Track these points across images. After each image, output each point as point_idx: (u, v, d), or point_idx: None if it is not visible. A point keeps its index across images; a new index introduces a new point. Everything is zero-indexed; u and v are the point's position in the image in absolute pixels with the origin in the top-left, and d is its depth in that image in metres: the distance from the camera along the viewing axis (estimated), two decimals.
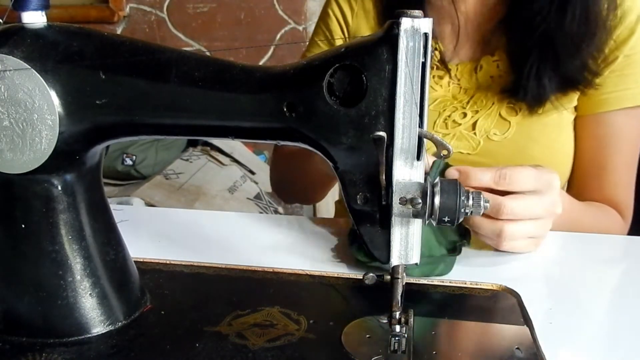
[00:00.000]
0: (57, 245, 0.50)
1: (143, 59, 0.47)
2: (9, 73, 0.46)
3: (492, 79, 0.85)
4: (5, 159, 0.47)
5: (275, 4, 2.31)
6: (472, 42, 0.87)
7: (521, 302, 0.57)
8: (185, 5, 2.38)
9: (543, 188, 0.64)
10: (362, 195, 0.47)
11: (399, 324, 0.46)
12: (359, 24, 0.94)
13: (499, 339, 0.52)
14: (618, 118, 0.83)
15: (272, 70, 0.47)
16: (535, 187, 0.64)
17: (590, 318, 0.57)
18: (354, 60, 0.44)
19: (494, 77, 0.85)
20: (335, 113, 0.44)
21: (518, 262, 0.67)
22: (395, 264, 0.47)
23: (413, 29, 0.42)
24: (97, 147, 0.51)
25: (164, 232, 0.76)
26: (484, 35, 0.86)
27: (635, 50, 0.82)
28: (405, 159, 0.44)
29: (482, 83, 0.86)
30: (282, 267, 0.64)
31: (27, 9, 0.47)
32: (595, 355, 0.51)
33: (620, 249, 0.75)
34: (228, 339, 0.51)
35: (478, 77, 0.86)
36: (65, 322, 0.51)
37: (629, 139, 0.85)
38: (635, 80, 0.82)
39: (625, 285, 0.64)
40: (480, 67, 0.86)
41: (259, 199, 2.11)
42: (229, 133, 0.49)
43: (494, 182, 0.63)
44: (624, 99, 0.82)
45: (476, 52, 0.87)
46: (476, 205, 0.45)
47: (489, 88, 0.85)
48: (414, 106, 0.43)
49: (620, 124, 0.84)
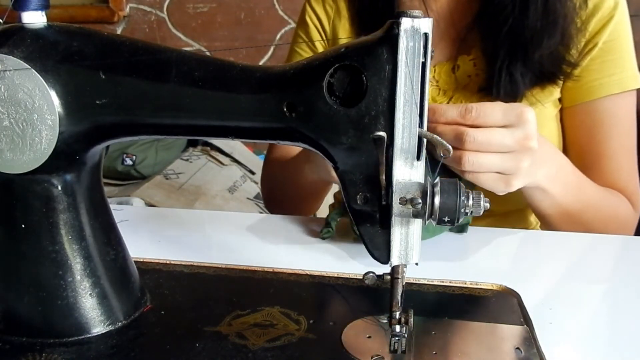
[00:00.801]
0: (57, 245, 0.50)
1: (143, 59, 0.47)
2: (9, 73, 0.45)
3: (470, 78, 0.85)
4: (5, 159, 0.47)
5: (275, 4, 2.31)
6: (448, 42, 0.86)
7: (521, 302, 0.57)
8: (185, 5, 2.38)
9: (514, 121, 0.61)
10: (362, 195, 0.47)
11: (399, 324, 0.46)
12: (336, 28, 0.94)
13: (499, 339, 0.52)
14: (607, 105, 0.83)
15: (272, 70, 0.47)
16: (504, 120, 0.61)
17: (590, 318, 0.57)
18: (354, 60, 0.44)
19: (471, 76, 0.85)
20: (335, 113, 0.44)
21: (518, 262, 0.67)
22: (395, 264, 0.47)
23: (413, 29, 0.42)
24: (97, 147, 0.51)
25: (164, 232, 0.76)
26: (459, 33, 0.85)
27: (614, 36, 0.82)
28: (405, 159, 0.44)
29: (460, 82, 0.85)
30: (282, 267, 0.64)
31: (27, 9, 0.47)
32: (595, 355, 0.51)
33: (620, 249, 0.75)
34: (228, 339, 0.51)
35: (457, 76, 0.85)
36: (65, 322, 0.51)
37: (622, 124, 0.84)
38: (618, 66, 0.82)
39: (625, 285, 0.64)
40: (458, 67, 0.85)
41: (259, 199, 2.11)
42: (229, 133, 0.49)
43: (460, 116, 0.61)
44: (610, 85, 0.82)
45: (452, 52, 0.86)
46: (476, 205, 0.45)
47: (467, 87, 0.85)
48: (414, 106, 0.43)
49: (611, 110, 0.83)
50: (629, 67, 0.83)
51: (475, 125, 0.61)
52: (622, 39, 0.83)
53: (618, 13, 0.82)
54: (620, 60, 0.82)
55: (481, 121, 0.61)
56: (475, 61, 0.84)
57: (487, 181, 0.63)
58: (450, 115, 0.61)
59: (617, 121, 0.84)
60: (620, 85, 0.82)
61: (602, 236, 0.76)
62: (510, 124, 0.62)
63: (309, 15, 0.96)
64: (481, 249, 0.69)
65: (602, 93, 0.82)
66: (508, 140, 0.61)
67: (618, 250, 0.74)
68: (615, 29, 0.82)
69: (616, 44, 0.82)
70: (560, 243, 0.73)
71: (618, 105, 0.83)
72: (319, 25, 0.95)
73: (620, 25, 0.83)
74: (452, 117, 0.61)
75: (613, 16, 0.81)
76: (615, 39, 0.82)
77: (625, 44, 0.83)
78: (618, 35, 0.82)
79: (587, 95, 0.83)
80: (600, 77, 0.82)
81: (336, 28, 0.94)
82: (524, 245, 0.75)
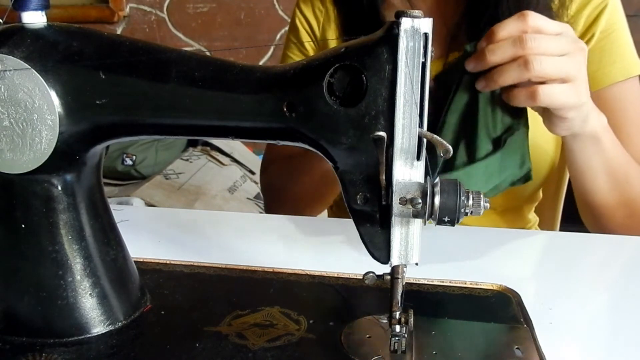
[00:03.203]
0: (57, 245, 0.50)
1: (143, 59, 0.47)
2: (9, 73, 0.46)
3: None
4: (5, 159, 0.47)
5: (275, 4, 2.32)
6: (439, 39, 0.86)
7: (521, 302, 0.57)
8: (185, 5, 2.38)
9: (561, 30, 0.64)
10: (362, 195, 0.47)
11: (399, 324, 0.46)
12: (326, 32, 0.94)
13: (499, 339, 0.52)
14: (614, 93, 0.82)
15: (272, 70, 0.47)
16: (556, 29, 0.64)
17: (590, 318, 0.57)
18: (354, 60, 0.44)
19: None
20: (335, 113, 0.44)
21: (518, 262, 0.67)
22: (395, 264, 0.47)
23: (413, 29, 0.42)
24: (97, 147, 0.51)
25: (164, 232, 0.76)
26: (449, 31, 0.85)
27: (610, 25, 0.81)
28: (405, 159, 0.44)
29: None
30: (282, 267, 0.64)
31: (27, 9, 0.47)
32: (595, 355, 0.51)
33: (620, 249, 0.75)
34: (228, 339, 0.51)
35: None
36: (65, 322, 0.51)
37: (633, 109, 0.83)
38: (618, 54, 0.82)
39: (625, 285, 0.64)
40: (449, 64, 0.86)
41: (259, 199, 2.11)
42: (229, 133, 0.49)
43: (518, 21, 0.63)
44: (613, 73, 0.82)
45: (444, 50, 0.86)
46: (476, 205, 0.45)
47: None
48: (414, 106, 0.43)
49: (618, 98, 0.83)
50: (629, 54, 0.83)
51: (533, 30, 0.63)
52: (618, 27, 0.83)
53: (612, 2, 0.81)
54: (620, 49, 0.82)
55: (539, 27, 0.63)
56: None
57: (561, 93, 0.64)
58: (509, 29, 0.63)
59: (626, 106, 0.83)
60: (623, 72, 0.82)
61: (601, 236, 0.76)
62: (559, 32, 0.64)
63: (299, 19, 0.96)
64: (481, 249, 0.69)
65: (607, 82, 0.82)
66: (564, 41, 0.63)
67: (618, 250, 0.74)
68: (611, 17, 0.81)
69: (613, 33, 0.82)
70: (560, 243, 0.73)
71: (625, 92, 0.83)
72: (309, 29, 0.96)
73: (615, 13, 0.82)
74: (512, 29, 0.63)
75: (607, 5, 0.81)
76: (611, 27, 0.81)
77: (622, 31, 0.83)
78: (614, 22, 0.82)
79: (592, 86, 0.82)
80: (602, 66, 0.82)
81: (326, 32, 0.94)
82: (524, 245, 0.75)
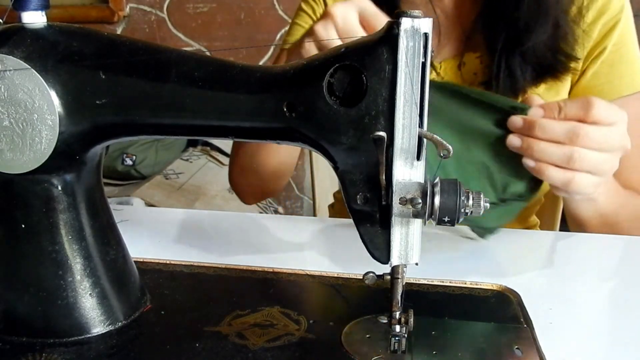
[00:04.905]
0: (57, 245, 0.50)
1: (143, 59, 0.47)
2: (9, 73, 0.46)
3: (476, 75, 0.85)
4: (5, 159, 0.47)
5: (275, 4, 2.31)
6: (455, 39, 0.87)
7: (521, 302, 0.57)
8: (185, 5, 2.38)
9: (615, 119, 0.64)
10: (362, 195, 0.47)
11: (399, 324, 0.46)
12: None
13: (499, 339, 0.52)
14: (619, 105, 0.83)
15: (272, 70, 0.47)
16: (610, 118, 0.64)
17: (590, 318, 0.57)
18: (354, 60, 0.44)
19: (477, 73, 0.85)
20: (335, 113, 0.44)
21: (518, 262, 0.67)
22: (395, 264, 0.47)
23: (413, 29, 0.42)
24: (97, 147, 0.51)
25: (164, 232, 0.76)
26: (465, 30, 0.85)
27: (621, 39, 0.82)
28: (405, 159, 0.44)
29: (466, 80, 0.86)
30: (282, 267, 0.64)
31: (27, 9, 0.47)
32: (595, 355, 0.51)
33: (620, 249, 0.75)
34: (228, 339, 0.51)
35: (462, 73, 0.86)
36: (65, 322, 0.51)
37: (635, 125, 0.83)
38: (627, 68, 0.83)
39: (625, 285, 0.64)
40: (464, 64, 0.85)
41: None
42: (229, 133, 0.49)
43: (579, 112, 0.63)
44: (621, 87, 0.83)
45: (459, 49, 0.86)
46: (476, 205, 0.45)
47: (473, 85, 0.85)
48: (414, 106, 0.43)
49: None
50: (638, 69, 0.84)
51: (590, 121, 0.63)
52: (629, 42, 0.84)
53: (624, 16, 0.83)
54: (629, 63, 0.83)
55: (598, 120, 0.63)
56: (482, 58, 0.85)
57: (588, 186, 0.65)
58: (571, 112, 0.63)
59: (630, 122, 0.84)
60: (630, 87, 0.83)
61: (602, 236, 0.76)
62: (614, 122, 0.64)
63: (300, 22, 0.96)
64: (481, 249, 0.69)
65: (614, 95, 0.83)
66: (613, 139, 0.64)
67: (618, 251, 0.74)
68: (622, 32, 0.82)
69: (624, 47, 0.83)
70: (560, 243, 0.73)
71: (630, 107, 0.83)
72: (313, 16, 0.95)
73: (626, 28, 0.83)
74: (573, 113, 0.64)
75: (620, 19, 0.82)
76: (622, 42, 0.82)
77: (632, 46, 0.84)
78: (625, 37, 0.83)
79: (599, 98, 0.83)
80: (611, 79, 0.83)
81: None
82: (524, 245, 0.75)
